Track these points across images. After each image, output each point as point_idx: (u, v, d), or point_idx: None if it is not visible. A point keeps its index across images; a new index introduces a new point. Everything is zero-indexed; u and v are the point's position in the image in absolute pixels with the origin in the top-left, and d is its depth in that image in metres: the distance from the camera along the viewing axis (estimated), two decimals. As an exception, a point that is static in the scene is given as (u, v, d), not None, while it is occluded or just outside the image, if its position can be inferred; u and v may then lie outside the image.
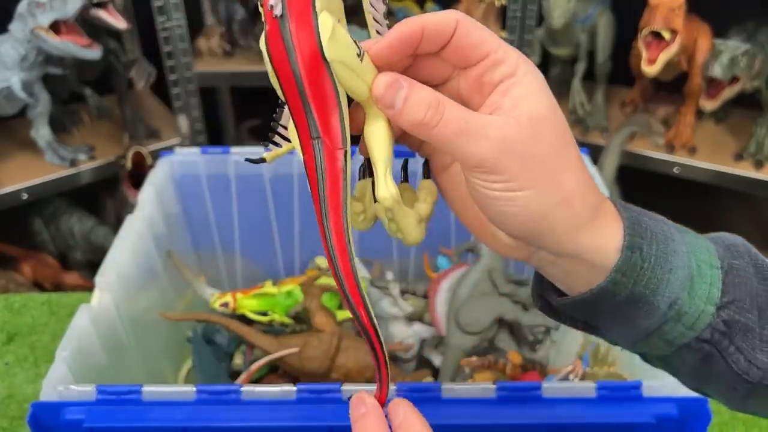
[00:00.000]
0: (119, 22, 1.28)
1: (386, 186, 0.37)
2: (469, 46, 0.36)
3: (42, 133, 1.39)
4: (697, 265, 0.38)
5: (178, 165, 0.98)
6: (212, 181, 0.99)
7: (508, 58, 0.36)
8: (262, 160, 0.41)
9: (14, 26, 1.28)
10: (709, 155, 1.43)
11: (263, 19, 0.34)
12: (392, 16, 1.58)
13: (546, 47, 1.51)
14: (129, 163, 1.41)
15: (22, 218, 1.54)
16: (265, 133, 0.42)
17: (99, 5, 1.25)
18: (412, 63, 0.38)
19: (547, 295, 0.43)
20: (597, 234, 0.37)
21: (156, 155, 1.10)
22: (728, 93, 1.34)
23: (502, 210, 0.36)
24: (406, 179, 0.44)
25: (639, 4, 1.30)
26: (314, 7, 0.33)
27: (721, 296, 0.37)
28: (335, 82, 0.35)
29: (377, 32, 0.40)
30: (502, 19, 1.58)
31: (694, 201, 1.72)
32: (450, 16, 0.36)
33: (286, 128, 0.40)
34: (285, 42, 0.33)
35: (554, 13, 1.38)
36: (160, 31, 1.44)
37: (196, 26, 1.61)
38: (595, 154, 1.41)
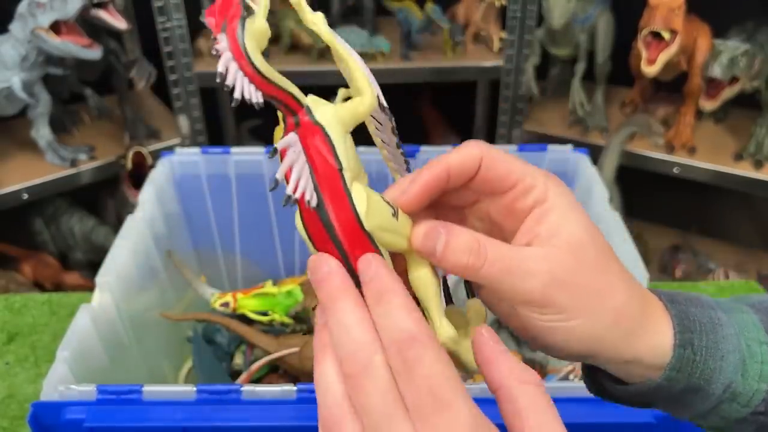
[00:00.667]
0: (119, 23, 1.28)
1: (444, 330, 0.37)
2: (496, 178, 0.37)
3: (42, 133, 1.39)
4: (747, 345, 0.38)
5: (179, 165, 0.98)
6: (212, 181, 0.99)
7: (537, 184, 0.37)
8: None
9: (14, 26, 1.28)
10: (708, 155, 1.43)
11: (295, 203, 0.34)
12: (392, 17, 1.58)
13: (546, 47, 1.51)
14: (129, 163, 1.41)
15: (23, 218, 1.54)
16: (264, 133, 0.42)
17: (99, 5, 1.25)
18: (441, 194, 0.39)
19: (601, 381, 0.43)
20: (649, 337, 0.38)
21: (156, 155, 1.10)
22: (728, 93, 1.34)
23: (554, 338, 0.37)
24: (450, 300, 0.43)
25: (639, 4, 1.30)
26: (345, 184, 0.34)
27: None
28: (377, 246, 0.35)
29: (391, 162, 0.41)
30: (502, 19, 1.58)
31: (694, 201, 1.72)
32: (473, 152, 0.37)
33: None
34: (324, 224, 0.34)
35: (554, 14, 1.38)
36: (161, 32, 1.44)
37: (196, 26, 1.61)
38: (595, 154, 1.41)
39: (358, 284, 0.34)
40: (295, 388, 0.59)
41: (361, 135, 0.41)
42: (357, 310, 0.33)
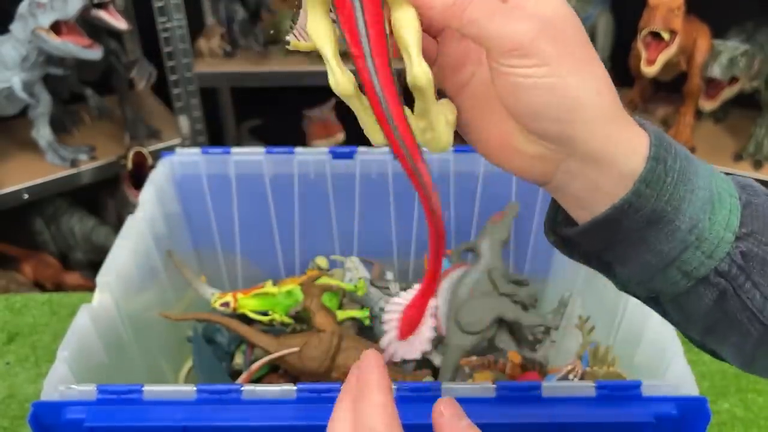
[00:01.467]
0: (120, 23, 1.28)
1: (420, 66, 0.37)
2: None
3: (43, 133, 1.39)
4: (718, 191, 0.37)
5: (179, 165, 0.98)
6: (213, 181, 0.99)
7: None
8: (287, 43, 0.43)
9: (15, 27, 1.28)
10: (708, 155, 1.43)
11: None
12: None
13: (546, 47, 1.51)
14: (130, 164, 1.41)
15: (23, 218, 1.54)
16: (264, 133, 0.43)
17: (99, 6, 1.25)
18: None
19: (560, 231, 0.42)
20: (625, 132, 0.36)
21: (157, 155, 1.10)
22: (727, 93, 1.34)
23: (535, 100, 0.35)
24: None
25: (638, 4, 1.30)
26: None
27: (739, 226, 0.37)
28: None
29: None
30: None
31: (694, 201, 1.72)
32: None
33: (303, 31, 0.42)
34: None
35: (554, 14, 1.38)
36: (161, 32, 1.44)
37: (196, 27, 1.61)
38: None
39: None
40: (295, 387, 0.59)
41: (361, 135, 0.41)
42: (348, 411, 0.38)
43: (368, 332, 0.89)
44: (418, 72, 0.37)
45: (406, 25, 0.37)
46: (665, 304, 0.40)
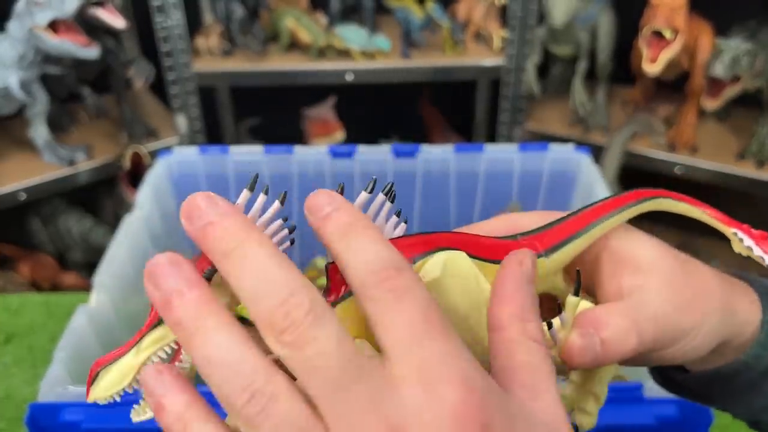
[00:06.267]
0: (118, 21, 1.27)
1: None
2: None
3: (40, 132, 1.38)
4: None
5: (177, 164, 0.98)
6: (211, 180, 0.99)
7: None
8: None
9: (12, 25, 1.27)
10: (711, 155, 1.43)
11: None
12: (392, 15, 1.58)
13: (547, 46, 1.50)
14: (127, 163, 1.40)
15: (21, 218, 1.54)
16: (263, 132, 0.41)
17: (97, 4, 1.24)
18: None
19: (667, 372, 0.41)
20: (739, 315, 0.36)
21: (154, 155, 1.09)
22: (730, 92, 1.33)
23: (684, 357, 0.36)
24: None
25: (640, 2, 1.29)
26: None
27: None
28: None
29: None
30: (502, 17, 1.57)
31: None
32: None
33: None
34: None
35: (555, 12, 1.37)
36: (159, 31, 1.43)
37: (194, 25, 1.61)
38: (597, 153, 1.40)
39: None
40: (293, 389, 0.58)
41: (361, 133, 0.40)
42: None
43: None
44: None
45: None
46: None
